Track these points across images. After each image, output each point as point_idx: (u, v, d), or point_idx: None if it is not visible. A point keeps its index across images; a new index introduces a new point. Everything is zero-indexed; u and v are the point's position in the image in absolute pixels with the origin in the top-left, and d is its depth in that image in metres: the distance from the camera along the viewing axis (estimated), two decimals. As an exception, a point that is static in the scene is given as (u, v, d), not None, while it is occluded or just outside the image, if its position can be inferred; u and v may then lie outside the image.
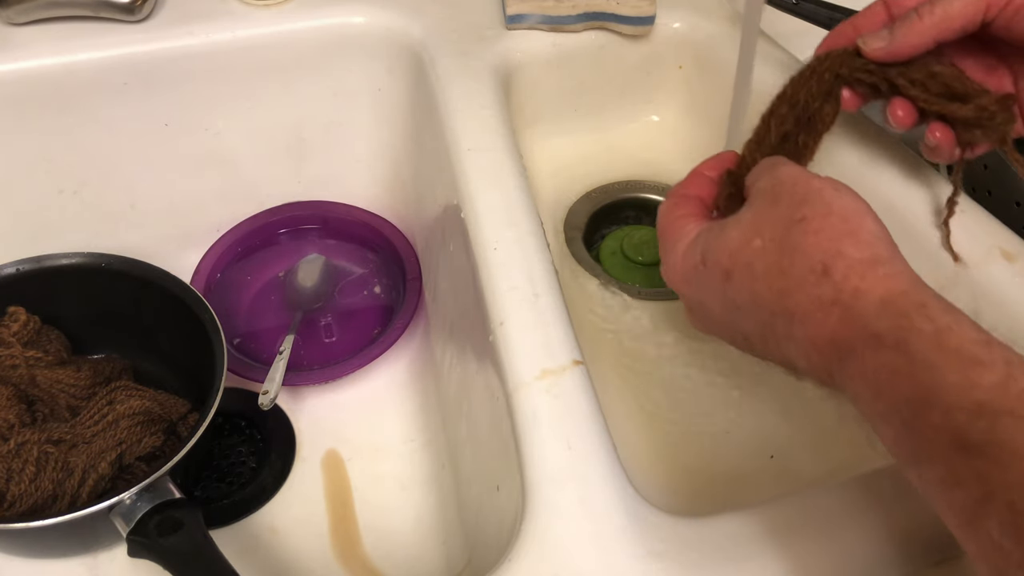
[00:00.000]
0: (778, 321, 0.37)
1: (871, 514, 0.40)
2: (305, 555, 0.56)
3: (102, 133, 0.65)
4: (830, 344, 0.35)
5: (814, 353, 0.36)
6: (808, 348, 0.36)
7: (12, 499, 0.51)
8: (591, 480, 0.41)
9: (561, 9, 0.66)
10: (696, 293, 0.42)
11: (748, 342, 0.41)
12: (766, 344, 0.39)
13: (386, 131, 0.71)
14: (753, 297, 0.38)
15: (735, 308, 0.40)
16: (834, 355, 0.35)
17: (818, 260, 0.36)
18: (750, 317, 0.39)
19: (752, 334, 0.40)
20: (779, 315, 0.37)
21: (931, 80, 0.46)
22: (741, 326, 0.40)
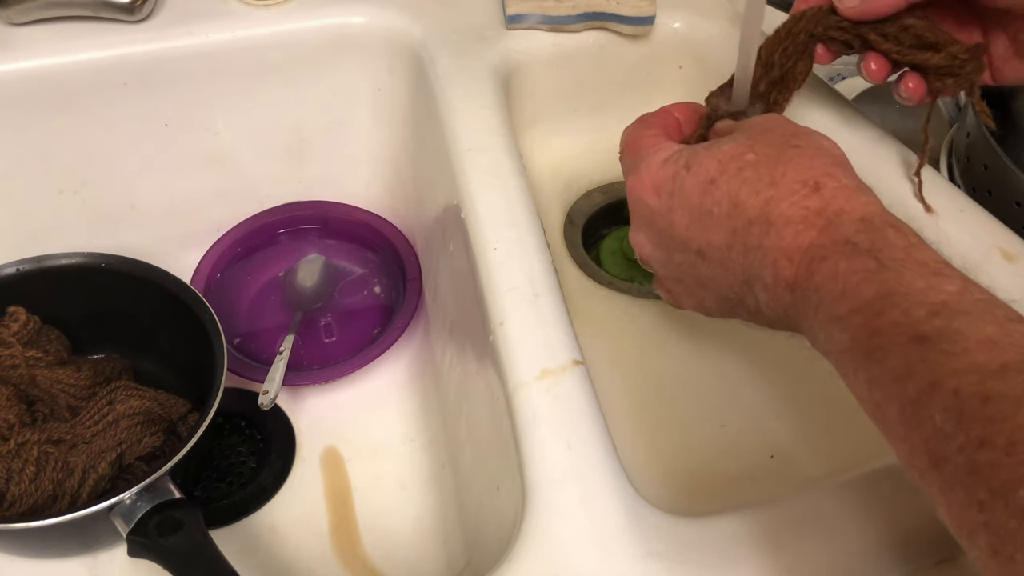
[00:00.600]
0: (754, 229, 0.38)
1: (871, 514, 0.40)
2: (305, 555, 0.56)
3: (102, 133, 0.65)
4: (804, 252, 0.36)
5: (783, 261, 0.37)
6: (778, 256, 0.37)
7: (12, 499, 0.51)
8: (591, 480, 0.41)
9: (561, 9, 0.66)
10: (663, 202, 0.42)
11: (702, 257, 0.41)
12: (727, 256, 0.39)
13: (386, 131, 0.71)
14: (734, 203, 0.39)
15: (706, 215, 0.40)
16: (804, 262, 0.36)
17: (810, 177, 0.38)
18: (722, 225, 0.39)
19: (714, 246, 0.40)
20: (757, 222, 0.38)
21: (903, 33, 0.47)
22: (705, 237, 0.40)
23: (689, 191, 0.41)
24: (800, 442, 0.54)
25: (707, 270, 0.41)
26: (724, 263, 0.40)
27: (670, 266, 0.44)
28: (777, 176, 0.38)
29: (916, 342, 0.31)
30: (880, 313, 0.33)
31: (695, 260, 0.42)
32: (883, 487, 0.41)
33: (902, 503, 0.40)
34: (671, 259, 0.43)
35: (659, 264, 0.45)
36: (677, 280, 0.45)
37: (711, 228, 0.40)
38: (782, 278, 0.37)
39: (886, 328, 0.32)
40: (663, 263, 0.44)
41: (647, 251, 0.45)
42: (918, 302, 0.32)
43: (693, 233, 0.41)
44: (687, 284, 0.44)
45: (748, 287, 0.40)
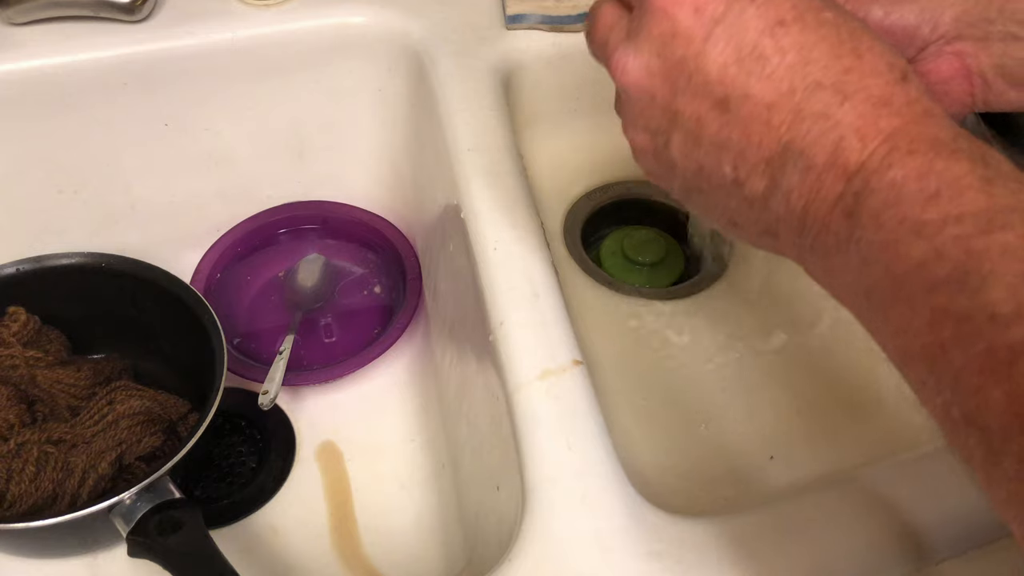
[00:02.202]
0: (822, 94, 0.31)
1: (871, 514, 0.40)
2: (305, 555, 0.56)
3: (102, 133, 0.65)
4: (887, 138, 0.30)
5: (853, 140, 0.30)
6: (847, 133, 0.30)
7: (12, 499, 0.51)
8: (591, 480, 0.41)
9: (561, 9, 0.66)
10: (702, 26, 0.32)
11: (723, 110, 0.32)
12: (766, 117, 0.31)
13: (386, 131, 0.71)
14: (803, 58, 0.31)
15: (759, 60, 0.32)
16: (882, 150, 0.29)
17: (898, 64, 0.31)
18: (777, 78, 0.31)
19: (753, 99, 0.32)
20: (829, 88, 0.31)
21: None
22: (743, 85, 0.32)
23: (747, 24, 0.32)
24: (800, 442, 0.54)
25: (719, 129, 0.33)
26: (754, 125, 0.32)
27: (662, 112, 0.34)
28: (862, 49, 0.31)
29: None
30: (990, 231, 0.26)
31: (708, 112, 0.33)
32: (883, 487, 0.41)
33: (902, 503, 0.40)
34: (671, 102, 0.34)
35: (645, 104, 0.35)
36: (657, 132, 0.35)
37: (758, 77, 0.31)
38: (842, 161, 0.30)
39: (995, 251, 0.26)
40: (653, 104, 0.34)
41: (639, 80, 0.34)
42: None
43: (729, 77, 0.32)
44: (670, 141, 0.35)
45: (773, 165, 0.32)
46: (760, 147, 0.32)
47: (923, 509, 0.41)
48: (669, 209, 0.69)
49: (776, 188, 0.32)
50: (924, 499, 0.41)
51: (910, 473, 0.42)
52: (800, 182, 0.31)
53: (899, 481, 0.41)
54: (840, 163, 0.30)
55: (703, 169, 0.34)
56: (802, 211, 0.31)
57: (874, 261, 0.29)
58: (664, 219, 0.69)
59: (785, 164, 0.31)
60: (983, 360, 0.25)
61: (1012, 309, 0.25)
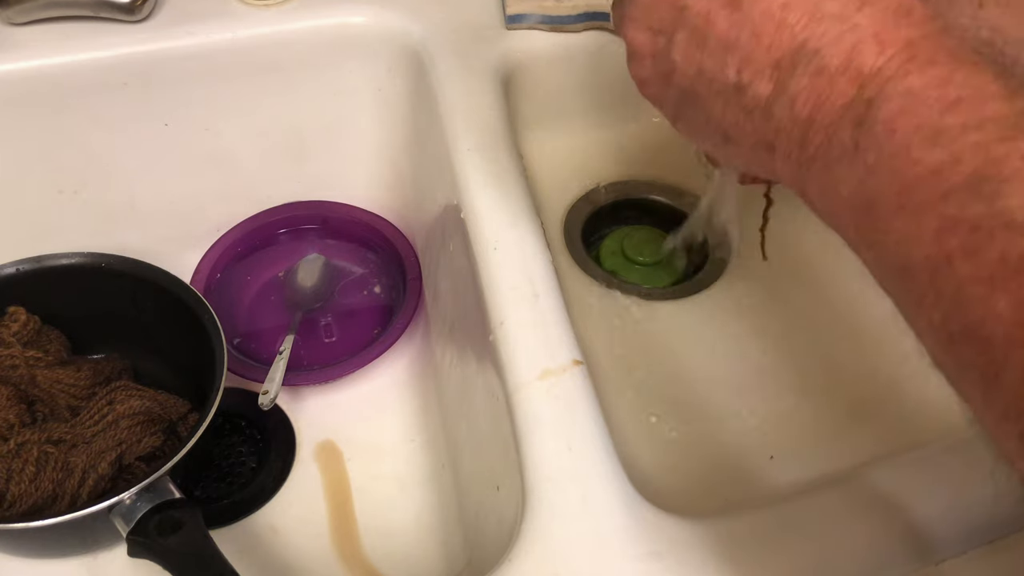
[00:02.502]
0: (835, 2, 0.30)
1: (871, 514, 0.40)
2: (305, 555, 0.56)
3: (102, 133, 0.65)
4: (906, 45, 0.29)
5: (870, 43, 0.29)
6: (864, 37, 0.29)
7: (12, 499, 0.51)
8: (591, 480, 0.41)
9: (561, 9, 0.66)
10: None
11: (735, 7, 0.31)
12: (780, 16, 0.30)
13: (386, 131, 0.71)
14: None
15: None
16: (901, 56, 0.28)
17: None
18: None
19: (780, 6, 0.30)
20: None
21: None
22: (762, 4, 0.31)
23: None
24: (801, 442, 0.54)
25: (728, 28, 0.31)
26: (767, 24, 0.31)
27: (670, 7, 0.33)
28: None
29: None
30: (1011, 138, 0.25)
31: (719, 9, 0.32)
32: (882, 488, 0.41)
33: (902, 503, 0.40)
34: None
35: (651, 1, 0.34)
36: (659, 31, 0.34)
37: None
38: (856, 65, 0.29)
39: (1015, 157, 0.25)
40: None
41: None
42: None
43: None
44: (673, 41, 0.34)
45: (782, 68, 0.30)
46: (770, 48, 0.31)
47: (925, 508, 0.40)
48: (669, 209, 0.69)
49: (782, 92, 0.31)
50: (927, 498, 0.41)
51: (912, 472, 0.42)
52: (809, 85, 0.30)
53: (901, 480, 0.41)
54: (855, 67, 0.29)
55: (704, 72, 0.33)
56: (807, 118, 0.30)
57: (881, 169, 0.28)
58: (664, 219, 0.69)
59: (795, 66, 0.30)
60: (993, 268, 0.24)
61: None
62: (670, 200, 0.70)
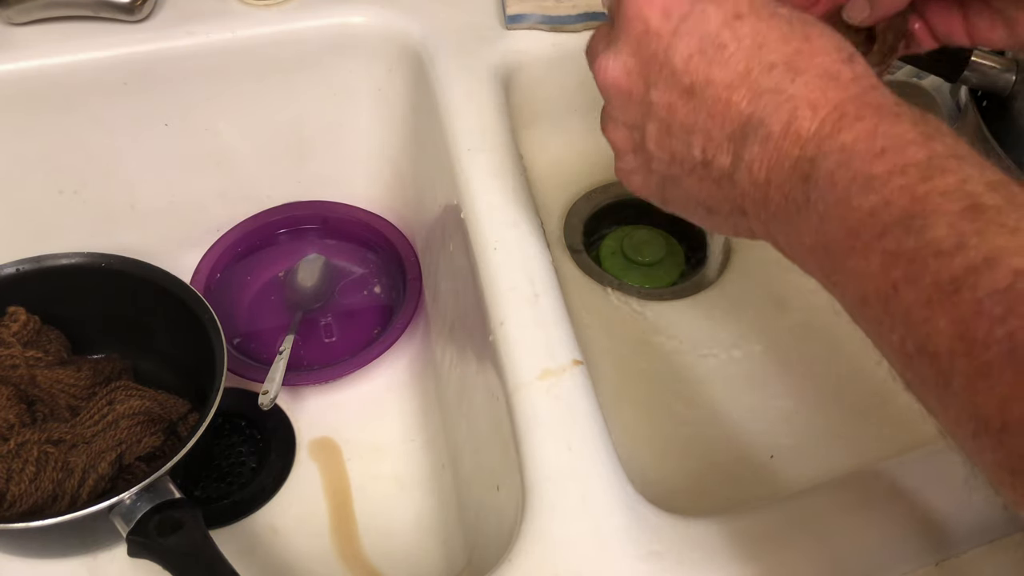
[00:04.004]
0: (775, 72, 0.34)
1: (870, 514, 0.40)
2: (305, 555, 0.56)
3: (102, 133, 0.65)
4: (835, 107, 0.33)
5: (805, 110, 0.33)
6: (799, 104, 0.33)
7: (12, 499, 0.51)
8: (591, 480, 0.41)
9: (561, 9, 0.66)
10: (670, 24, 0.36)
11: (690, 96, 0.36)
12: (727, 97, 0.35)
13: (386, 131, 0.71)
14: (758, 43, 0.35)
15: (719, 48, 0.35)
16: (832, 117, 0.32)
17: (845, 47, 0.35)
18: (734, 61, 0.35)
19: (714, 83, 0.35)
20: (781, 66, 0.34)
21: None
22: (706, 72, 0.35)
23: (709, 19, 0.36)
24: (800, 442, 0.54)
25: (687, 114, 0.36)
26: (717, 106, 0.35)
27: (639, 105, 0.38)
28: (812, 35, 0.35)
29: (974, 211, 0.28)
30: (930, 177, 0.29)
31: (677, 100, 0.36)
32: (883, 487, 0.41)
33: (901, 503, 0.40)
34: (646, 95, 0.38)
35: (623, 100, 0.39)
36: (635, 127, 0.39)
37: (719, 63, 0.35)
38: (795, 129, 0.33)
39: (935, 194, 0.28)
40: (631, 100, 0.38)
41: (618, 79, 0.39)
42: (975, 174, 0.29)
43: (693, 66, 0.36)
44: (645, 133, 0.38)
45: (736, 140, 0.35)
46: (723, 125, 0.35)
47: (926, 508, 0.40)
48: (669, 209, 0.69)
49: (739, 161, 0.35)
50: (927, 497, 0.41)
51: (914, 471, 0.42)
52: (760, 152, 0.34)
53: (901, 480, 0.41)
54: (794, 131, 0.33)
55: (676, 155, 0.37)
56: (764, 180, 0.34)
57: (830, 217, 0.31)
58: (664, 219, 0.69)
59: (746, 136, 0.34)
60: (930, 292, 0.28)
61: (953, 243, 0.27)
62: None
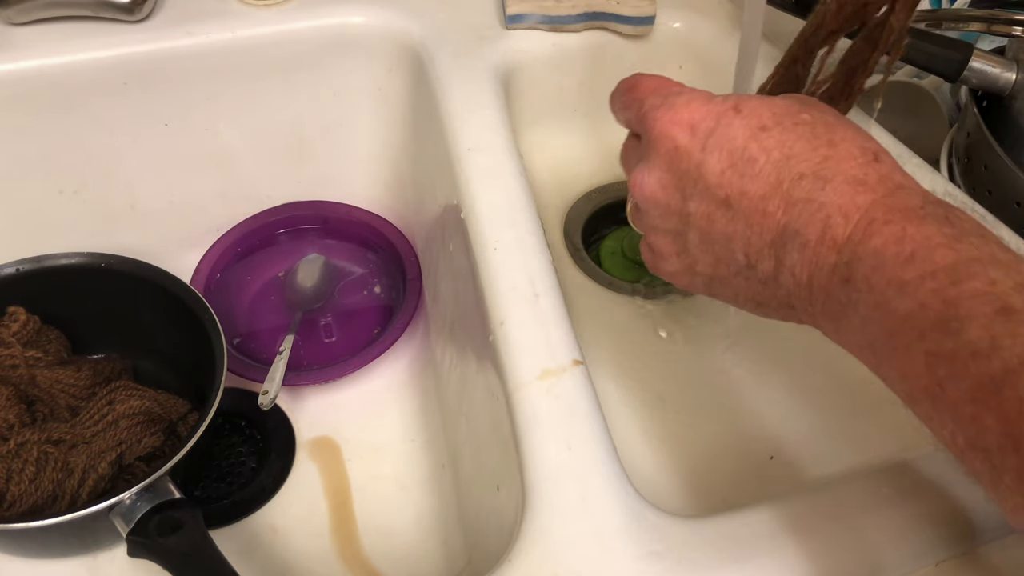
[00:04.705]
0: (805, 182, 0.35)
1: (870, 514, 0.40)
2: (305, 555, 0.56)
3: (102, 133, 0.65)
4: (865, 212, 0.34)
5: (838, 218, 0.34)
6: (832, 212, 0.34)
7: (12, 499, 0.51)
8: (591, 480, 0.41)
9: (561, 9, 0.66)
10: (698, 141, 0.38)
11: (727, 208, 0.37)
12: (762, 208, 0.36)
13: (386, 131, 0.71)
14: (786, 154, 0.36)
15: (749, 162, 0.37)
16: (863, 223, 0.34)
17: (869, 147, 0.36)
18: (766, 175, 0.36)
19: (749, 195, 0.36)
20: (811, 177, 0.35)
21: None
22: (739, 185, 0.37)
23: (735, 133, 0.37)
24: (800, 443, 0.54)
25: (726, 224, 0.37)
26: (754, 216, 0.36)
27: (678, 216, 0.39)
28: (836, 139, 0.36)
29: (1004, 314, 0.29)
30: (959, 281, 0.30)
31: (715, 211, 0.38)
32: (882, 488, 0.41)
33: (901, 503, 0.40)
34: (684, 207, 0.39)
35: (661, 211, 0.40)
36: (676, 234, 0.40)
37: (751, 176, 0.36)
38: (831, 236, 0.34)
39: (966, 297, 0.30)
40: (669, 211, 0.40)
41: (654, 193, 0.40)
42: (1004, 274, 0.30)
43: (726, 179, 0.37)
44: (687, 240, 0.40)
45: (776, 247, 0.36)
46: (762, 234, 0.36)
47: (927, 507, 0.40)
48: (669, 209, 0.69)
49: (782, 266, 0.36)
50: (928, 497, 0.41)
51: (914, 472, 0.42)
52: (800, 258, 0.35)
53: (903, 480, 0.41)
54: (830, 237, 0.34)
55: (720, 260, 0.39)
56: (807, 282, 0.35)
57: (871, 319, 0.33)
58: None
59: (785, 244, 0.36)
60: (974, 392, 0.29)
61: (988, 344, 0.29)
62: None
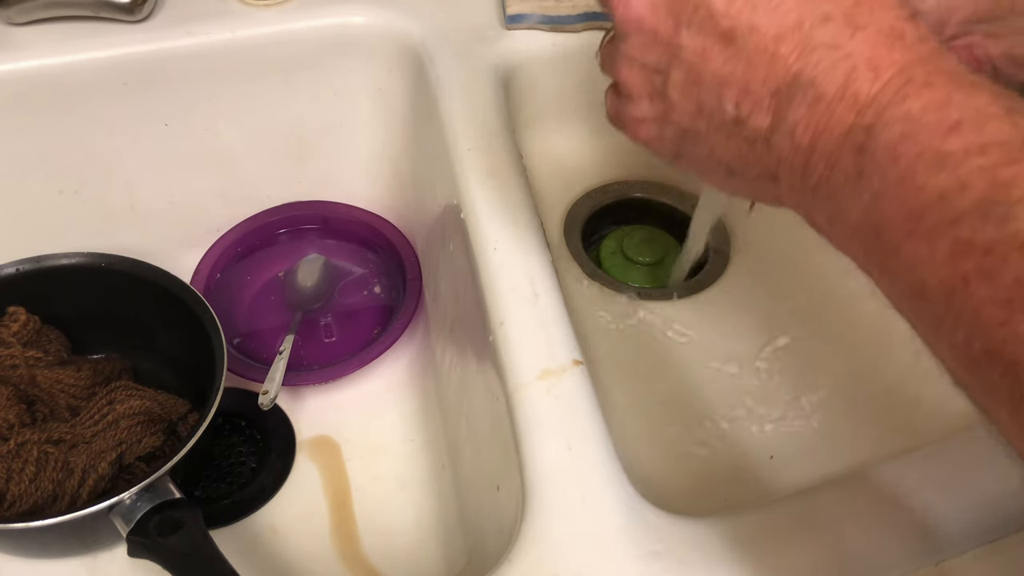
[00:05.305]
0: (831, 25, 0.30)
1: (870, 514, 0.40)
2: (305, 555, 0.56)
3: (102, 133, 0.65)
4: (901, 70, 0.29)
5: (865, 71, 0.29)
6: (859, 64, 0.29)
7: (12, 499, 0.51)
8: (591, 480, 0.41)
9: (561, 9, 0.66)
10: None
11: (728, 43, 0.31)
12: (772, 49, 0.30)
13: (386, 131, 0.71)
14: None
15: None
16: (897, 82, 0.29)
17: (907, 6, 0.31)
18: (788, 10, 0.30)
19: (759, 31, 0.31)
20: (838, 19, 0.30)
21: None
22: (749, 17, 0.31)
23: None
24: (800, 442, 0.54)
25: (722, 63, 0.32)
26: (760, 57, 0.31)
27: (664, 47, 0.34)
28: None
29: None
30: (1016, 160, 0.25)
31: (712, 46, 0.32)
32: (882, 488, 0.41)
33: (901, 503, 0.40)
34: (674, 36, 0.33)
35: (645, 39, 0.34)
36: (655, 71, 0.34)
37: (766, 9, 0.31)
38: (852, 92, 0.29)
39: (1022, 180, 0.25)
40: (655, 39, 0.34)
41: (641, 14, 0.34)
42: None
43: (735, 9, 0.31)
44: (668, 80, 0.34)
45: (779, 98, 0.31)
46: (766, 80, 0.31)
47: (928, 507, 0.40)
48: (669, 209, 0.70)
49: (781, 122, 0.31)
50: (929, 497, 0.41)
51: (914, 471, 0.42)
52: (807, 114, 0.30)
53: (902, 480, 0.41)
54: (851, 93, 0.29)
55: (702, 108, 0.33)
56: (808, 147, 0.30)
57: (887, 196, 0.28)
58: (664, 219, 0.69)
59: (792, 96, 0.30)
60: (1011, 291, 0.24)
61: None
62: (670, 200, 0.70)
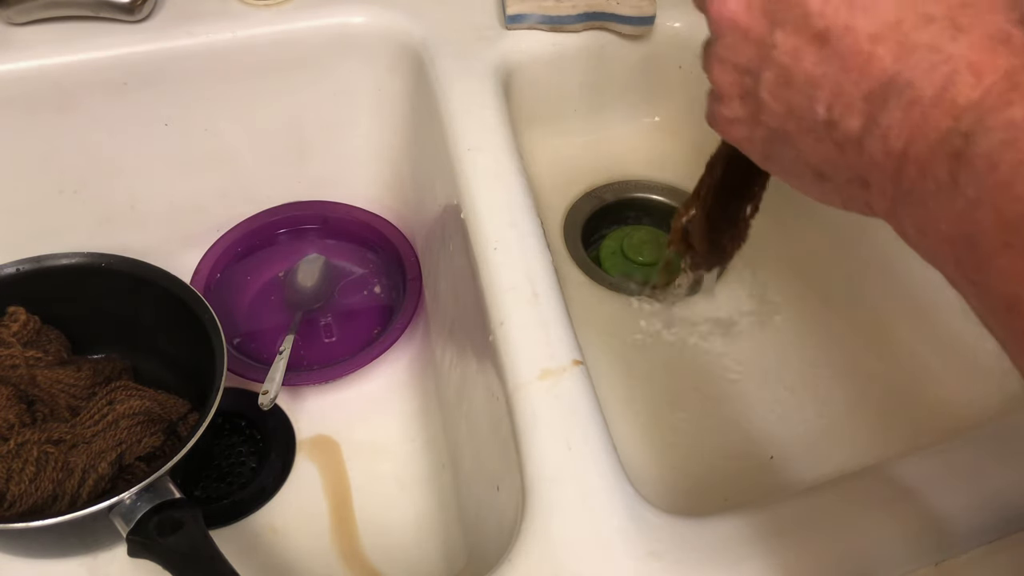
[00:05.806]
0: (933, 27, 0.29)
1: (870, 514, 0.40)
2: (305, 555, 0.56)
3: (102, 133, 0.65)
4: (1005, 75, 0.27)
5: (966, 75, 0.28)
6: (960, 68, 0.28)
7: (12, 499, 0.51)
8: (591, 480, 0.41)
9: (561, 9, 0.66)
10: None
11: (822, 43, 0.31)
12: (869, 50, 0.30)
13: (386, 131, 0.71)
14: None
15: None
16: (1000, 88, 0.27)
17: (1018, 8, 0.29)
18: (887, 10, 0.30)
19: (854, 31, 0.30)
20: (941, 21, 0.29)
21: None
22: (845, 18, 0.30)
23: None
24: (800, 443, 0.54)
25: (815, 64, 0.31)
26: (855, 58, 0.30)
27: (756, 47, 0.33)
28: None
29: None
30: None
31: (805, 46, 0.31)
32: (882, 488, 0.41)
33: (901, 503, 0.40)
34: (767, 36, 0.33)
35: (738, 39, 0.34)
36: (747, 71, 0.34)
37: (863, 8, 0.30)
38: (951, 97, 0.28)
39: None
40: (747, 39, 0.34)
41: (736, 13, 0.34)
42: None
43: (831, 8, 0.30)
44: (760, 80, 0.34)
45: (873, 101, 0.30)
46: (859, 81, 0.30)
47: (929, 507, 0.41)
48: (669, 209, 0.70)
49: (874, 126, 0.30)
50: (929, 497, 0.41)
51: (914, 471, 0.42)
52: (902, 118, 0.29)
53: (902, 479, 0.41)
54: (949, 98, 0.28)
55: (793, 110, 0.33)
56: (900, 152, 0.29)
57: (984, 205, 0.27)
58: (664, 219, 0.69)
59: (887, 99, 0.29)
60: None
61: None
62: (670, 200, 0.70)
